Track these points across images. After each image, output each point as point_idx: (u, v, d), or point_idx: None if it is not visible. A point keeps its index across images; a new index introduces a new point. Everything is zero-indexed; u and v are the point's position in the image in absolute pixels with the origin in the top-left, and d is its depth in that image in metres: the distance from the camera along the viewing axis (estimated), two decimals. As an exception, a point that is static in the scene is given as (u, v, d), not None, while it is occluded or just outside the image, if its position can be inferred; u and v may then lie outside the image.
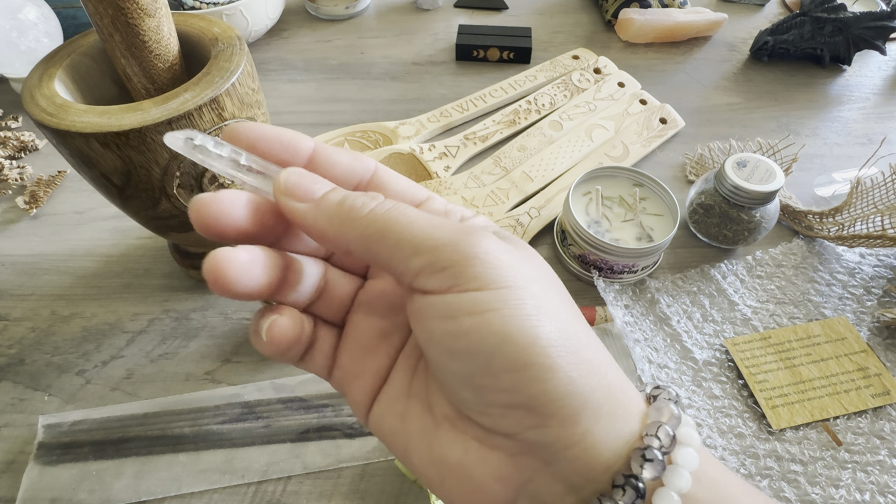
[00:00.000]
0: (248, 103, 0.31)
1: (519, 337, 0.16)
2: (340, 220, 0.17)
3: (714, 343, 0.38)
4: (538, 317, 0.16)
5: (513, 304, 0.16)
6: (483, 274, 0.16)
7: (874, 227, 0.41)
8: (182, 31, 0.33)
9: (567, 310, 0.18)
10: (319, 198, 0.17)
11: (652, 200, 0.42)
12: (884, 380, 0.36)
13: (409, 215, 0.17)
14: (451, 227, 0.16)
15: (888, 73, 0.63)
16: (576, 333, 0.17)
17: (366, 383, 0.20)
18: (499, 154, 0.51)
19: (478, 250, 0.16)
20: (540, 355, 0.16)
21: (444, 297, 0.16)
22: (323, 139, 0.52)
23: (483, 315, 0.16)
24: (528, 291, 0.16)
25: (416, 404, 0.19)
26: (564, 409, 0.16)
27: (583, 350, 0.17)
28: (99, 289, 0.42)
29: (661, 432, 0.17)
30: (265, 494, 0.32)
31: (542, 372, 0.16)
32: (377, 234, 0.16)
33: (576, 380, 0.16)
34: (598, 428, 0.16)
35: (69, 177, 0.50)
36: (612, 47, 0.66)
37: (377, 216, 0.16)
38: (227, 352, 0.38)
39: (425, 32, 0.68)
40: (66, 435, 0.33)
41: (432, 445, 0.18)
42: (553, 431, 0.16)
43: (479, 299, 0.16)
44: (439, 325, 0.16)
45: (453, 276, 0.16)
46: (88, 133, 0.27)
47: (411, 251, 0.16)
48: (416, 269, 0.16)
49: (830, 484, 0.32)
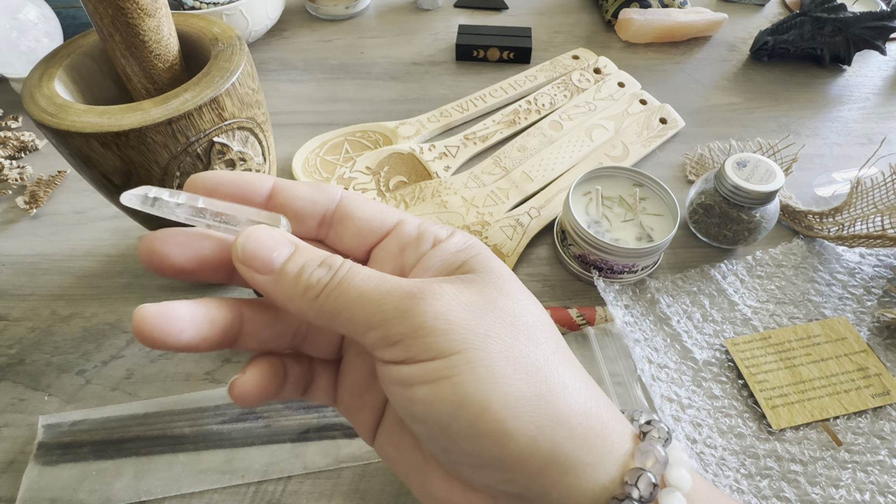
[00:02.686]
0: (248, 103, 0.31)
1: (471, 405, 0.15)
2: (298, 298, 0.17)
3: (714, 343, 0.38)
4: (490, 381, 0.16)
5: (464, 370, 0.16)
6: (433, 344, 0.16)
7: (874, 227, 0.41)
8: (182, 31, 0.33)
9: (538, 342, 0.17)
10: (278, 271, 0.17)
11: (652, 200, 0.42)
12: (884, 380, 0.36)
13: (359, 287, 0.16)
14: (399, 294, 0.16)
15: (888, 73, 0.63)
16: (540, 384, 0.16)
17: (366, 416, 0.20)
18: (499, 154, 0.51)
19: (425, 318, 0.16)
20: (493, 421, 0.15)
21: (399, 367, 0.16)
22: (323, 139, 0.52)
23: (435, 384, 0.16)
24: (482, 353, 0.16)
25: (408, 439, 0.19)
26: (529, 466, 0.16)
27: (547, 404, 0.16)
28: (99, 289, 0.42)
29: (641, 482, 0.16)
30: (265, 494, 0.32)
31: (499, 437, 0.15)
32: (332, 313, 0.16)
33: (537, 438, 0.16)
34: (569, 479, 0.16)
35: (69, 177, 0.50)
36: (612, 47, 0.66)
37: (329, 293, 0.16)
38: (227, 352, 0.38)
39: (425, 32, 0.68)
40: (66, 435, 0.33)
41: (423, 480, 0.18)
42: (523, 485, 0.16)
43: (430, 368, 0.16)
44: (398, 392, 0.16)
45: (405, 348, 0.16)
46: (88, 133, 0.27)
47: (364, 327, 0.16)
48: (372, 344, 0.16)
49: (830, 484, 0.32)
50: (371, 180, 0.48)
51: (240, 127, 0.31)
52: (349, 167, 0.49)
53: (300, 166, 0.50)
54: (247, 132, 0.32)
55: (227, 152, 0.31)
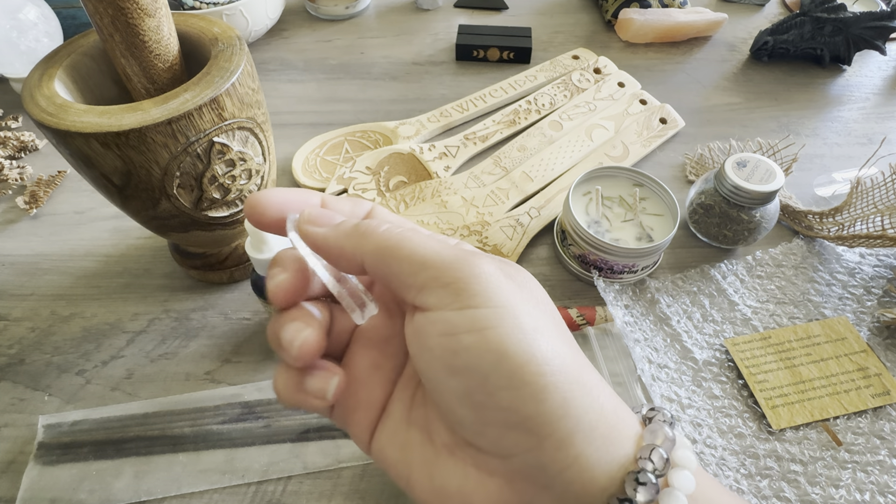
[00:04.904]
0: (248, 103, 0.31)
1: (515, 355, 0.16)
2: (357, 237, 0.18)
3: (714, 343, 0.38)
4: (534, 335, 0.17)
5: (510, 322, 0.16)
6: (483, 292, 0.17)
7: (874, 227, 0.41)
8: (182, 31, 0.33)
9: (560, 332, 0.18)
10: (338, 223, 0.19)
11: (652, 200, 0.42)
12: (884, 380, 0.36)
13: (421, 234, 0.18)
14: (456, 250, 0.18)
15: (888, 73, 0.63)
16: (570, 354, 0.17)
17: (363, 416, 0.20)
18: (499, 154, 0.51)
19: (479, 271, 0.17)
20: (535, 374, 0.16)
21: (444, 313, 0.17)
22: (323, 139, 0.52)
23: (482, 332, 0.16)
24: (525, 311, 0.17)
25: (417, 434, 0.19)
26: (558, 431, 0.16)
27: (576, 371, 0.17)
28: (99, 289, 0.42)
29: (654, 455, 0.17)
30: (265, 494, 0.32)
31: (538, 392, 0.16)
32: (390, 249, 0.18)
33: (569, 401, 0.16)
34: (591, 450, 0.17)
35: (69, 177, 0.50)
36: (612, 47, 0.66)
37: (392, 233, 0.18)
38: (227, 352, 0.38)
39: (425, 32, 0.68)
40: (66, 435, 0.33)
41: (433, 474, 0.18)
42: (548, 454, 0.16)
43: (478, 316, 0.16)
44: (439, 342, 0.17)
45: (455, 292, 0.17)
46: (88, 133, 0.27)
47: (419, 265, 0.17)
48: (422, 283, 0.17)
49: (830, 484, 0.32)
50: (371, 180, 0.48)
51: (240, 127, 0.31)
52: (349, 167, 0.49)
53: (300, 166, 0.50)
54: (247, 132, 0.32)
55: (227, 152, 0.31)
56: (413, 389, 0.20)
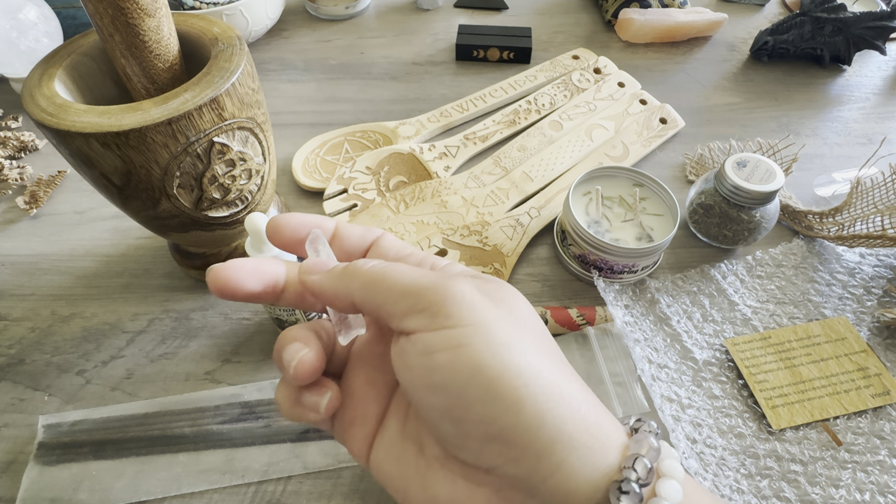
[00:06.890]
0: (248, 103, 0.31)
1: (489, 368, 0.17)
2: (346, 277, 0.20)
3: (714, 343, 0.38)
4: (507, 349, 0.17)
5: (482, 338, 0.17)
6: (457, 313, 0.18)
7: (874, 227, 0.41)
8: (182, 31, 0.33)
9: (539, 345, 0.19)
10: (331, 268, 0.21)
11: (652, 200, 0.42)
12: (884, 380, 0.36)
13: (401, 268, 0.19)
14: (434, 276, 0.19)
15: (888, 73, 0.63)
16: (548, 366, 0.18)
17: (360, 430, 0.21)
18: (499, 154, 0.51)
19: (453, 292, 0.18)
20: (509, 387, 0.17)
21: (422, 335, 0.18)
22: (323, 139, 0.52)
23: (455, 350, 0.17)
24: (499, 327, 0.18)
25: (411, 447, 0.20)
26: (537, 441, 0.17)
27: (552, 382, 0.17)
28: (99, 289, 0.42)
29: (637, 465, 0.17)
30: (265, 494, 0.32)
31: (513, 403, 0.17)
32: (374, 283, 0.19)
33: (546, 412, 0.17)
34: (573, 459, 0.17)
35: (69, 177, 0.50)
36: (612, 47, 0.66)
37: (376, 269, 0.19)
38: (227, 352, 0.38)
39: (425, 32, 0.68)
40: (66, 435, 0.33)
41: (426, 485, 0.19)
42: (529, 464, 0.17)
43: (452, 335, 0.17)
44: (418, 361, 0.18)
45: (432, 315, 0.18)
46: (88, 133, 0.27)
47: (401, 294, 0.18)
48: (403, 311, 0.18)
49: (830, 484, 0.32)
50: (371, 180, 0.48)
51: (240, 127, 0.31)
52: (349, 167, 0.49)
53: (300, 166, 0.50)
54: (247, 132, 0.32)
55: (227, 152, 0.31)
56: (407, 404, 0.21)
